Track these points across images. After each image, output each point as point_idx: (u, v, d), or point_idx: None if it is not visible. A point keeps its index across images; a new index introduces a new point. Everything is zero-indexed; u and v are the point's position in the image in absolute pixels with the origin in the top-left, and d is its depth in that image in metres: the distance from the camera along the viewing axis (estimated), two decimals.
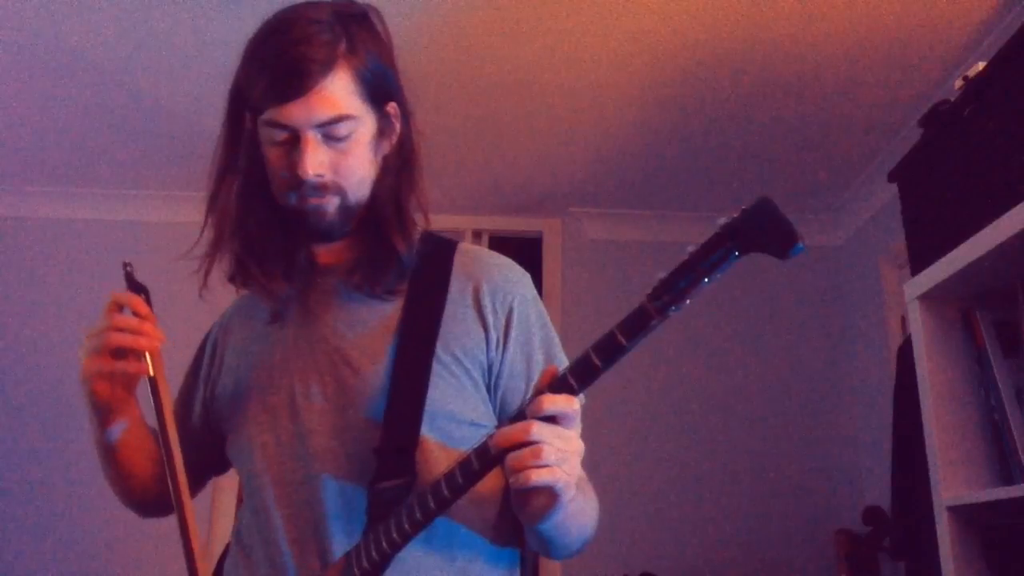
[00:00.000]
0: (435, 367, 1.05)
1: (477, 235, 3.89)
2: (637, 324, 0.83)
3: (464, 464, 0.90)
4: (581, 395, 0.89)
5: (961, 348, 1.80)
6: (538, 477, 0.84)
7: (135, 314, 1.03)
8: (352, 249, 1.13)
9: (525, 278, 1.18)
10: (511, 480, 0.86)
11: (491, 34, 2.65)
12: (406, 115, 1.13)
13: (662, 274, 0.83)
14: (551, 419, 0.86)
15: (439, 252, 1.15)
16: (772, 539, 3.50)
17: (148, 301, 1.05)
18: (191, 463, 1.22)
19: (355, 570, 0.96)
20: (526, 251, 3.73)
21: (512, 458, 0.85)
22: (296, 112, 1.01)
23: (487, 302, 1.11)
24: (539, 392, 0.87)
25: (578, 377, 0.86)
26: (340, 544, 1.00)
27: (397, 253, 1.09)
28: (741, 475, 3.58)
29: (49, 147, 3.32)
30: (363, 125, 1.06)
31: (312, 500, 1.03)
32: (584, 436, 1.11)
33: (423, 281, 1.11)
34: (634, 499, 3.50)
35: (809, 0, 2.47)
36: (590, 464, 1.13)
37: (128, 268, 1.07)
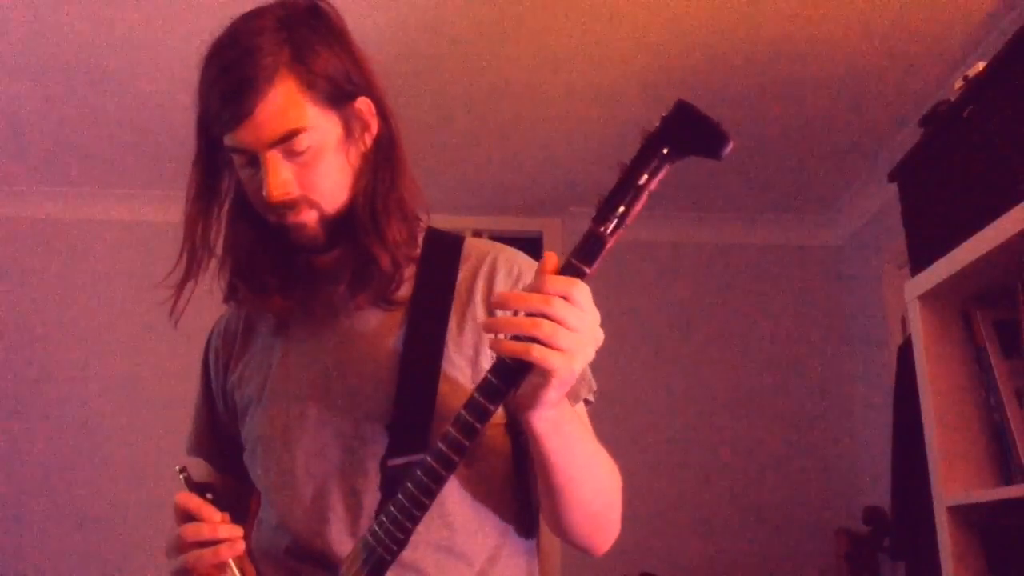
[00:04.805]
0: (445, 371, 1.02)
1: (477, 235, 3.86)
2: (594, 250, 0.84)
3: (482, 383, 0.87)
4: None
5: (961, 348, 1.80)
6: (546, 359, 0.82)
7: (204, 519, 0.96)
8: (348, 255, 1.08)
9: (534, 268, 1.14)
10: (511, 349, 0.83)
11: (490, 34, 2.65)
12: (382, 108, 1.07)
13: (604, 194, 0.84)
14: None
15: (444, 250, 1.12)
16: (772, 539, 3.50)
17: (216, 499, 0.98)
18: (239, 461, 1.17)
19: (377, 549, 0.92)
20: (526, 251, 3.70)
21: (530, 323, 0.82)
22: (246, 135, 0.97)
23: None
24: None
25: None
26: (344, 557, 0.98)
27: (376, 261, 1.03)
28: (741, 475, 3.58)
29: (49, 147, 3.32)
30: (322, 133, 1.00)
31: (321, 517, 1.02)
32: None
33: (428, 282, 1.08)
34: (634, 499, 3.44)
35: (809, 0, 2.47)
36: None
37: (184, 473, 1.00)
